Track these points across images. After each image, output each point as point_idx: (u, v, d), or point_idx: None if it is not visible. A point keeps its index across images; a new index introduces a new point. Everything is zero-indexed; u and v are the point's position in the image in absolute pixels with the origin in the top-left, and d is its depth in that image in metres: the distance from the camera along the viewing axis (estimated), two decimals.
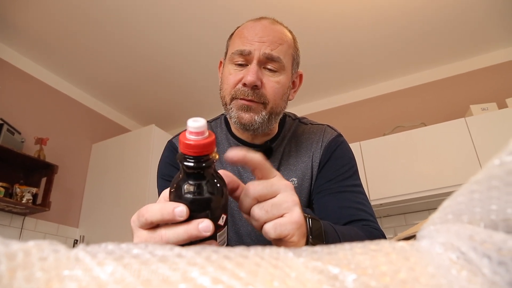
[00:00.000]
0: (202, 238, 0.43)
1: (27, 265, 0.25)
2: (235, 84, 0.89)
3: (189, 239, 0.43)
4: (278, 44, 0.89)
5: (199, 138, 0.42)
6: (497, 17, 2.97)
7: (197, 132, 0.42)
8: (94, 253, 0.27)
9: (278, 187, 0.51)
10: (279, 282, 0.22)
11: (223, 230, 0.48)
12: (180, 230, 0.43)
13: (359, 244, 0.27)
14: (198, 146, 0.42)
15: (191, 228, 0.43)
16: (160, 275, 0.23)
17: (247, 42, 0.88)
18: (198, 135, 0.42)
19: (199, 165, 0.43)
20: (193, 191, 0.44)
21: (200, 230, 0.42)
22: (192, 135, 0.42)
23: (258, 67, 0.87)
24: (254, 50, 0.87)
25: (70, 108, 3.68)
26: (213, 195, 0.45)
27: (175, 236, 0.43)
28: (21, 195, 2.87)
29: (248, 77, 0.85)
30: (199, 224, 0.43)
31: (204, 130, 0.42)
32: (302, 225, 0.51)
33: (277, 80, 0.89)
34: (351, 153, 1.00)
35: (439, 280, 0.23)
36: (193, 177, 0.45)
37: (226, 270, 0.23)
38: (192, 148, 0.42)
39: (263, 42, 0.88)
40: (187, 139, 0.42)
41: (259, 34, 0.89)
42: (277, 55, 0.88)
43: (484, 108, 2.95)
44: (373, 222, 0.88)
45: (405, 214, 3.21)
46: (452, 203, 0.29)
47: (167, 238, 0.44)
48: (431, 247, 0.28)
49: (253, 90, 0.87)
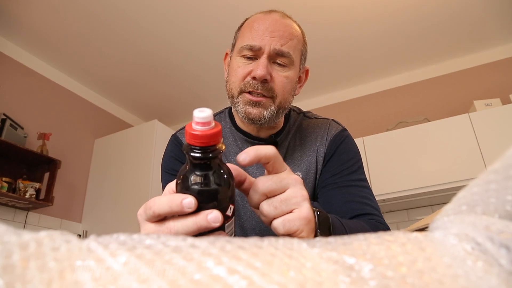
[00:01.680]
0: (211, 229, 0.43)
1: (40, 255, 0.24)
2: (244, 77, 0.88)
3: (198, 231, 0.43)
4: (288, 39, 0.89)
5: (205, 128, 0.42)
6: (501, 12, 2.95)
7: (203, 122, 0.41)
8: (106, 243, 0.27)
9: (287, 182, 0.50)
10: (295, 271, 0.22)
11: (231, 220, 0.48)
12: (189, 222, 0.43)
13: (374, 235, 0.27)
14: (205, 137, 0.42)
15: (200, 220, 0.42)
16: (175, 265, 0.23)
17: (258, 37, 0.88)
18: (205, 125, 0.41)
19: (206, 156, 0.43)
20: (200, 182, 0.44)
21: (209, 221, 0.42)
22: (198, 125, 0.42)
23: (268, 61, 0.87)
24: (264, 46, 0.87)
25: (73, 103, 3.68)
26: (221, 185, 0.45)
27: (184, 228, 0.43)
28: (24, 190, 2.88)
29: (258, 70, 0.85)
30: (208, 215, 0.42)
31: (210, 121, 0.42)
32: (311, 220, 0.51)
33: (286, 75, 0.89)
34: (356, 148, 1.00)
35: (456, 271, 0.23)
36: (200, 167, 0.44)
37: (241, 260, 0.23)
38: (199, 139, 0.42)
39: (274, 37, 0.87)
40: (194, 129, 0.42)
41: (269, 28, 0.88)
42: (287, 50, 0.88)
43: (487, 103, 2.94)
44: (378, 216, 0.88)
45: (407, 209, 3.21)
46: (466, 194, 0.29)
47: (176, 230, 0.44)
48: (445, 238, 0.28)
49: (263, 84, 0.86)
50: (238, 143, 1.00)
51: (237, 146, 1.00)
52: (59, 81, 3.56)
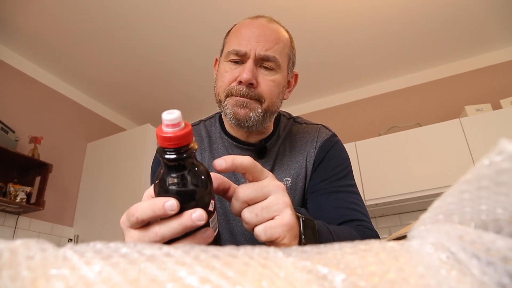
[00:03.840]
0: (196, 226, 0.43)
1: (13, 264, 0.24)
2: (231, 82, 0.89)
3: (184, 231, 0.43)
4: (274, 44, 0.89)
5: (175, 130, 0.42)
6: (492, 18, 2.98)
7: (173, 124, 0.42)
8: (82, 252, 0.27)
9: (269, 190, 0.50)
10: (268, 281, 0.22)
11: (214, 215, 0.48)
12: (174, 224, 0.43)
13: (349, 244, 0.27)
14: (176, 138, 0.42)
15: (185, 220, 0.43)
16: (148, 274, 0.23)
17: (244, 42, 0.88)
18: (175, 126, 0.42)
19: (180, 157, 0.43)
20: (178, 183, 0.44)
21: (194, 220, 0.42)
22: (168, 127, 0.42)
23: (254, 65, 0.87)
24: (250, 50, 0.87)
25: (65, 107, 3.66)
26: (198, 184, 0.45)
27: (170, 230, 0.43)
28: (15, 194, 2.85)
29: (244, 75, 0.85)
30: (192, 214, 0.42)
31: (179, 122, 0.42)
32: (293, 227, 0.51)
33: (273, 79, 0.89)
34: (345, 153, 1.00)
35: (428, 281, 0.23)
36: (176, 169, 0.45)
37: (214, 269, 0.23)
38: (171, 141, 0.42)
39: (259, 41, 0.88)
40: (164, 132, 0.42)
41: (255, 33, 0.89)
42: (273, 54, 0.88)
43: (478, 109, 2.97)
44: (367, 222, 0.88)
45: (400, 214, 3.22)
46: (442, 204, 0.29)
47: (162, 233, 0.44)
48: (421, 247, 0.28)
49: (248, 88, 0.87)
50: (228, 148, 1.00)
51: (227, 151, 1.00)
52: (51, 84, 3.54)
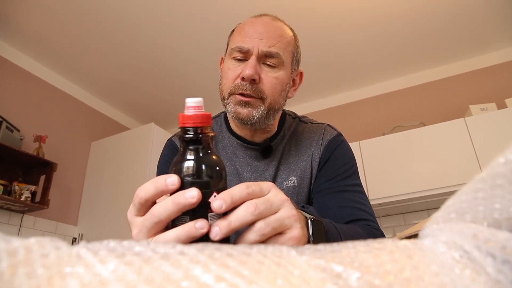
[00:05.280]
0: (189, 205, 0.42)
1: (29, 262, 0.24)
2: (234, 79, 0.89)
3: (178, 209, 0.43)
4: (277, 41, 0.89)
5: (197, 111, 0.45)
6: (496, 17, 2.97)
7: (195, 106, 0.45)
8: (96, 250, 0.27)
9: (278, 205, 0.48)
10: (282, 280, 0.22)
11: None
12: (168, 202, 0.43)
13: (362, 243, 0.27)
14: (197, 117, 0.45)
15: (178, 197, 0.42)
16: (163, 272, 0.23)
17: (247, 39, 0.89)
18: (196, 109, 0.45)
19: (198, 136, 0.45)
20: (193, 166, 0.45)
21: (187, 198, 0.42)
22: (190, 109, 0.45)
23: (257, 62, 0.87)
24: (253, 47, 0.87)
25: (69, 106, 3.67)
26: (214, 168, 0.46)
27: (165, 209, 0.43)
28: (20, 192, 2.87)
29: (246, 71, 0.86)
30: (186, 193, 0.42)
31: (202, 106, 0.46)
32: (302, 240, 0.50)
33: (276, 76, 0.89)
34: (351, 153, 1.00)
35: (442, 279, 0.23)
36: (193, 151, 0.46)
37: (229, 267, 0.23)
38: (191, 119, 0.45)
39: (262, 38, 0.88)
40: (187, 112, 0.46)
41: (258, 30, 0.89)
42: (276, 51, 0.88)
43: (483, 108, 2.95)
44: (373, 222, 0.88)
45: (404, 214, 3.21)
46: (455, 202, 0.29)
47: (158, 213, 0.44)
48: (434, 246, 0.28)
49: (251, 85, 0.87)
50: (234, 147, 1.00)
51: (232, 150, 1.00)
52: (56, 83, 3.55)
